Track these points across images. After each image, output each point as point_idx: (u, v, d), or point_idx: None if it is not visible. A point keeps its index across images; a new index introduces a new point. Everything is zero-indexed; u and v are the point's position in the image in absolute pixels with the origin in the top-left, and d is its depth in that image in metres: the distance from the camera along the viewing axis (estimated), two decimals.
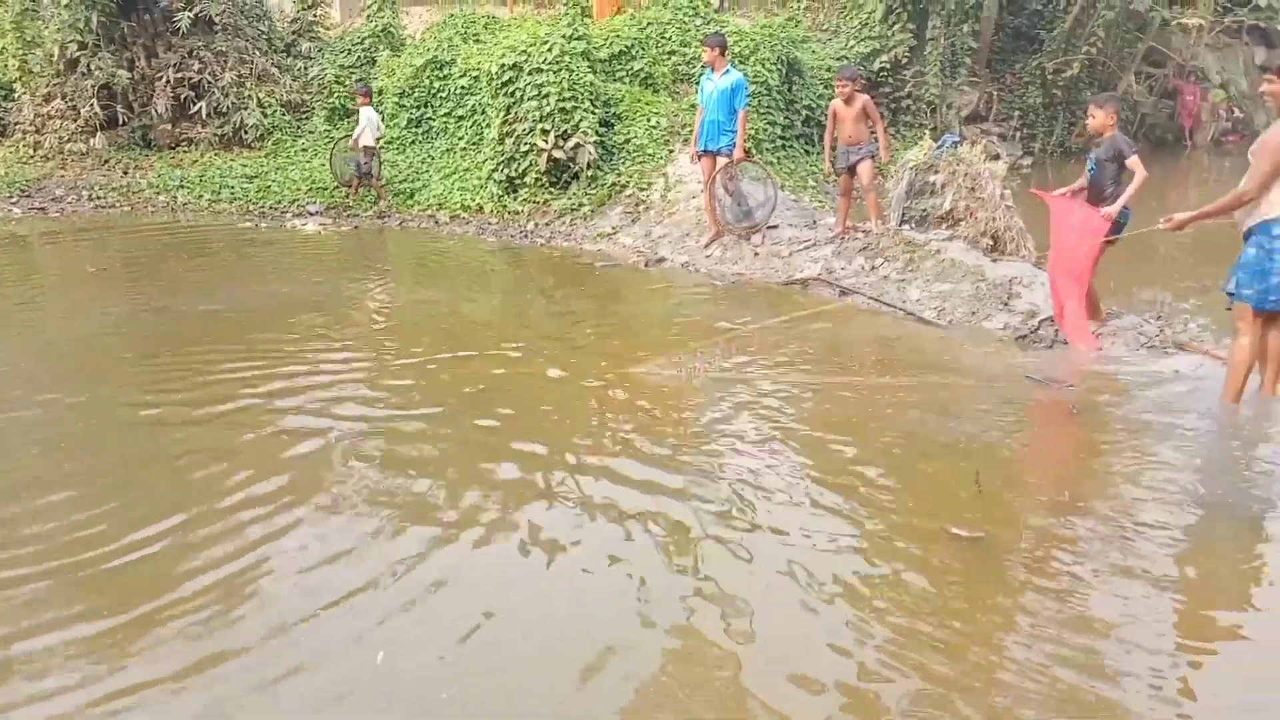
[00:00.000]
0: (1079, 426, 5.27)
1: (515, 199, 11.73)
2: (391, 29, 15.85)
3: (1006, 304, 6.96)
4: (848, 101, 8.46)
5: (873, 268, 8.09)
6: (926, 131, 13.49)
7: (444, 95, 13.75)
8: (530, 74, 11.30)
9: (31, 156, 14.31)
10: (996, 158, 9.37)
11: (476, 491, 4.27)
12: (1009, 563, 3.69)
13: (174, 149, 14.60)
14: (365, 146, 12.02)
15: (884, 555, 3.73)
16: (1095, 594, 3.44)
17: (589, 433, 4.98)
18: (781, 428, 5.04)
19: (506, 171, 11.72)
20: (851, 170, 8.59)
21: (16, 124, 14.59)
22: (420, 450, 4.76)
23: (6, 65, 14.46)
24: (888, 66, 15.36)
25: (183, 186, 13.50)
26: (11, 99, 14.74)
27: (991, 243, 7.87)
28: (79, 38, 13.68)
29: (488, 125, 12.35)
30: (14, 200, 13.05)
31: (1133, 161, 6.13)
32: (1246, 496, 4.28)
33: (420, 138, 13.79)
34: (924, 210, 8.54)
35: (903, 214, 8.64)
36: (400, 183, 12.87)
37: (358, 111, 12.23)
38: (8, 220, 12.21)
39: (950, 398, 5.56)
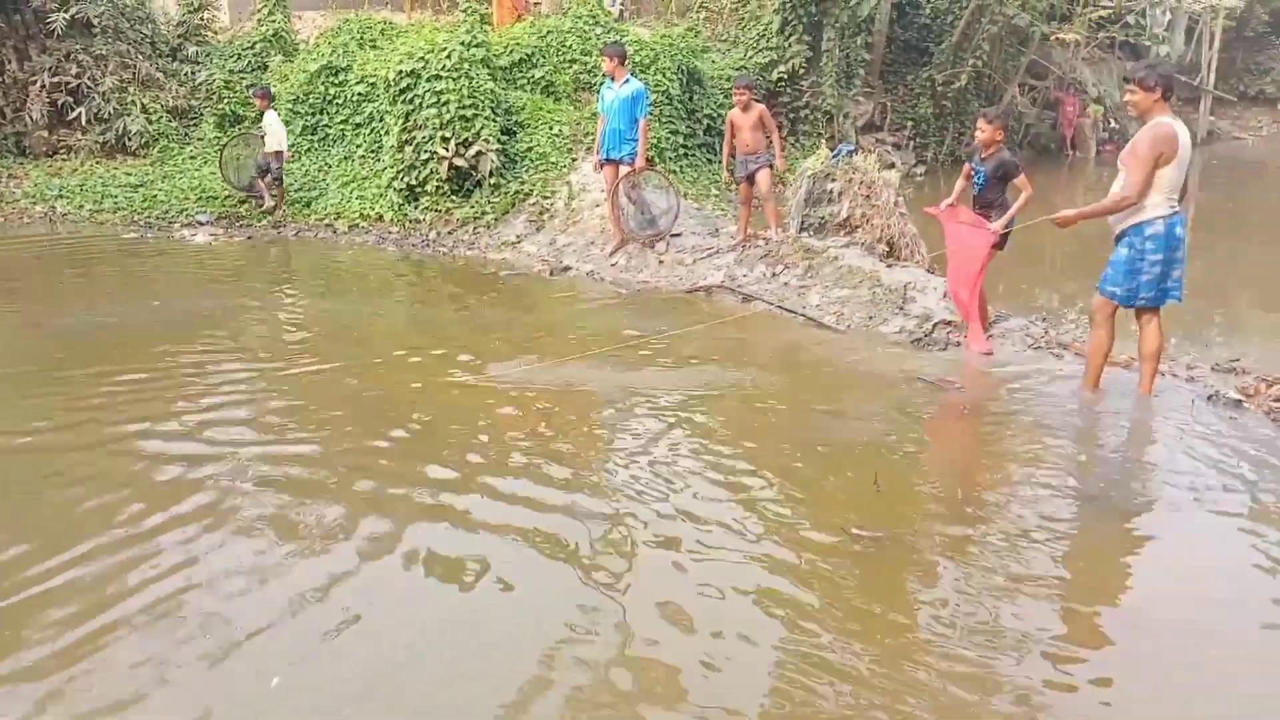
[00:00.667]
0: (970, 426, 5.47)
1: (416, 207, 11.55)
2: (283, 33, 15.43)
3: (902, 308, 7.18)
4: (745, 110, 8.61)
5: (774, 274, 8.24)
6: (823, 140, 13.85)
7: (340, 102, 13.45)
8: (429, 81, 11.15)
9: None
10: (891, 166, 9.70)
11: (374, 515, 4.17)
12: (909, 560, 3.80)
13: (51, 157, 13.88)
14: (276, 151, 11.67)
15: (785, 555, 3.79)
16: (988, 589, 3.57)
17: (486, 446, 4.93)
18: (680, 433, 5.09)
19: (407, 179, 11.52)
20: (751, 179, 8.74)
21: None
22: (316, 472, 4.63)
23: None
24: (785, 77, 15.67)
25: (62, 196, 12.83)
26: None
27: (887, 249, 8.11)
28: None
29: (386, 132, 12.14)
30: None
31: (1020, 180, 6.42)
32: (1116, 487, 4.52)
33: (316, 145, 13.44)
34: (822, 218, 8.74)
35: (802, 221, 8.82)
36: (296, 191, 12.51)
37: (257, 116, 11.90)
38: None
39: (849, 400, 5.70)
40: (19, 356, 6.58)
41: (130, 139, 13.85)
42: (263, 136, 11.85)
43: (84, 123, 13.82)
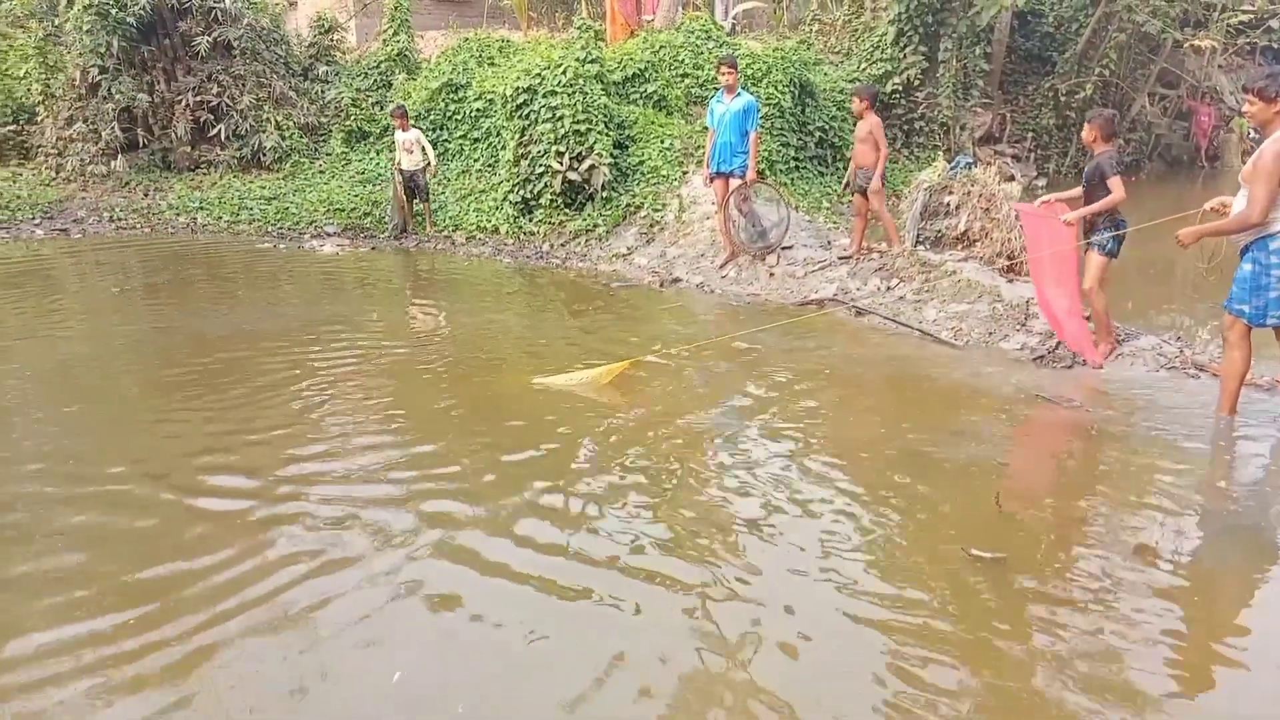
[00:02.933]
0: (1096, 448, 5.24)
1: (531, 220, 11.82)
2: (407, 53, 16.03)
3: (1024, 324, 6.95)
4: (859, 119, 8.51)
5: (888, 288, 8.10)
6: (940, 153, 13.55)
7: (459, 118, 13.90)
8: (544, 96, 11.41)
9: (53, 179, 14.49)
10: (1011, 179, 9.43)
11: (479, 515, 4.28)
12: (1030, 584, 3.67)
13: (193, 171, 14.77)
14: (419, 170, 12.09)
15: (902, 577, 3.71)
16: (1115, 615, 3.42)
17: (598, 451, 4.98)
18: (795, 449, 5.04)
19: (522, 193, 11.81)
20: (864, 192, 8.63)
21: (39, 147, 14.79)
22: (435, 468, 4.77)
23: (30, 89, 14.67)
24: (900, 89, 15.43)
25: (202, 208, 13.64)
26: (34, 122, 14.93)
27: (1007, 263, 7.87)
28: (100, 62, 13.87)
29: (503, 147, 12.47)
30: (37, 222, 13.20)
31: (1113, 181, 6.17)
32: (1254, 518, 4.26)
33: (438, 159, 13.89)
34: (939, 231, 8.57)
35: (918, 235, 8.66)
36: (418, 204, 12.96)
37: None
38: (30, 241, 12.35)
39: (968, 417, 5.55)
40: (168, 358, 7.00)
41: (264, 154, 14.61)
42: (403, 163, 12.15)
43: (223, 139, 14.65)
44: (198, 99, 14.60)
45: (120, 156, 14.40)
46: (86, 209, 13.77)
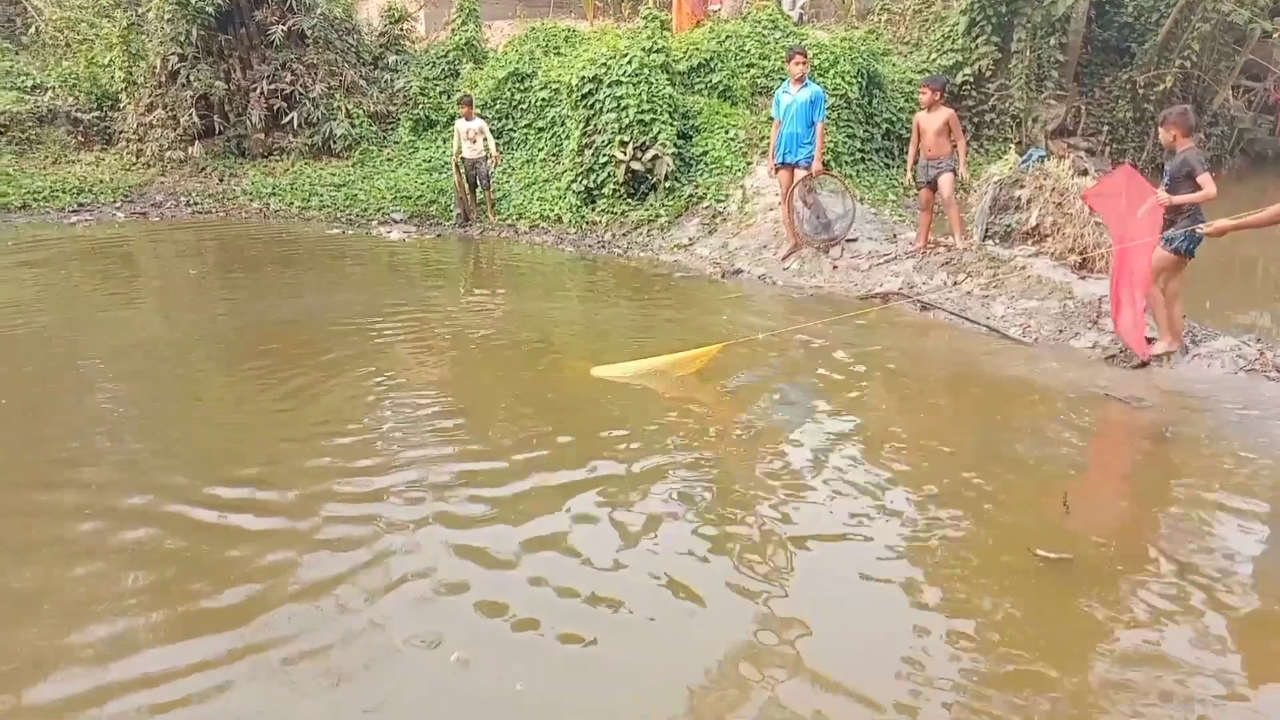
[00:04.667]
0: (1169, 449, 5.10)
1: (593, 209, 11.86)
2: (474, 42, 16.16)
3: (1096, 322, 6.78)
4: (930, 110, 8.35)
5: (955, 283, 7.96)
6: (1011, 146, 13.23)
7: (524, 107, 13.99)
8: (610, 86, 11.43)
9: (134, 163, 14.96)
10: (1085, 173, 9.16)
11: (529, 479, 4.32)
12: (1098, 586, 3.59)
13: (266, 158, 15.12)
14: (487, 156, 12.18)
15: (966, 577, 3.66)
16: (1183, 622, 3.33)
17: (657, 441, 4.99)
18: (858, 445, 5.00)
19: (585, 182, 11.86)
20: (933, 184, 8.47)
21: (121, 132, 15.27)
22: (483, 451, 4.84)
23: (114, 76, 15.15)
24: (971, 80, 15.09)
25: (274, 194, 13.97)
26: (117, 109, 15.42)
27: (1080, 260, 7.68)
28: (180, 50, 14.26)
29: (567, 137, 12.52)
30: (118, 205, 13.66)
31: (1203, 178, 5.95)
32: None
33: (502, 149, 14.02)
34: (1008, 225, 8.39)
35: (986, 229, 8.49)
36: (481, 192, 13.10)
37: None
38: (112, 224, 12.78)
39: (1035, 415, 5.44)
40: (240, 339, 7.20)
41: (335, 142, 14.89)
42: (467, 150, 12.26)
43: (295, 126, 14.95)
44: (271, 87, 14.91)
45: (197, 142, 14.81)
46: (165, 193, 14.20)
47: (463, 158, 12.23)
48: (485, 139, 12.12)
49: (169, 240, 11.81)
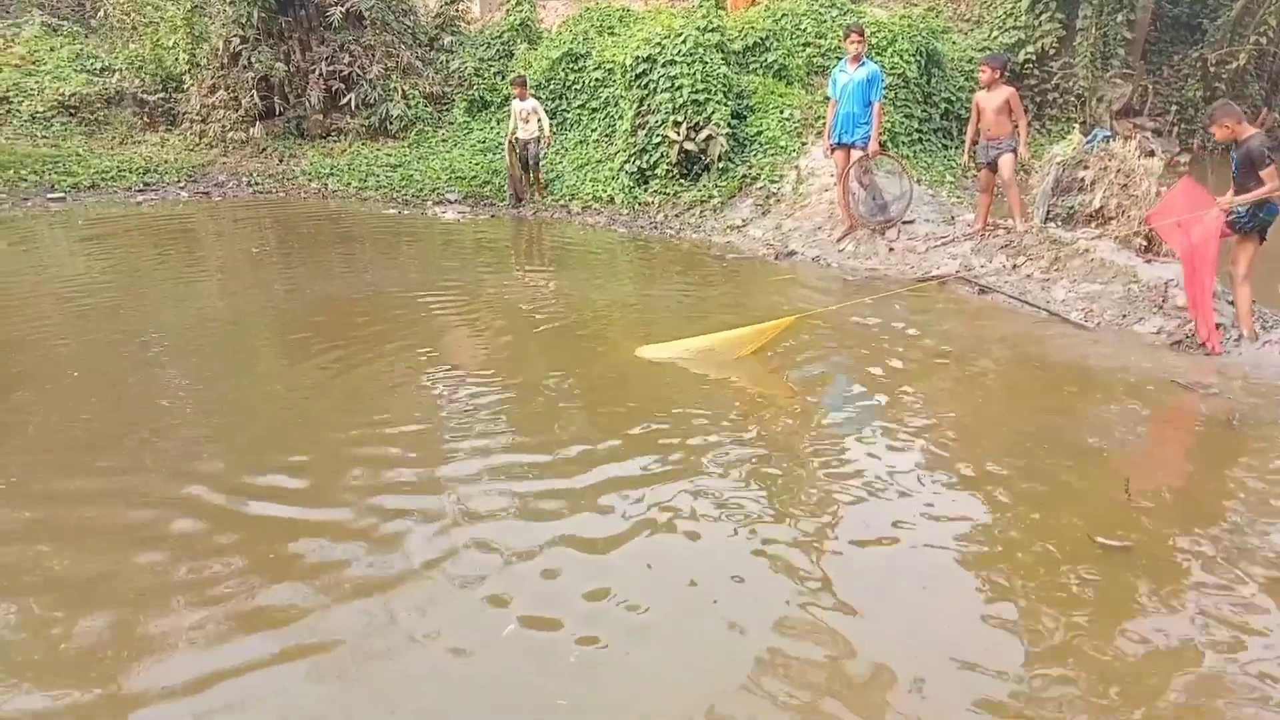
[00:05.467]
0: (1235, 437, 4.96)
1: (646, 190, 11.83)
2: (529, 23, 16.19)
3: (1161, 307, 6.61)
4: (990, 90, 8.16)
5: (1014, 266, 7.81)
6: (1075, 126, 12.89)
7: (578, 88, 13.99)
8: (664, 66, 11.37)
9: (197, 144, 15.28)
10: (1151, 154, 8.87)
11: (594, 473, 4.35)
12: (1159, 574, 3.52)
13: (325, 138, 15.33)
14: (539, 137, 12.21)
15: (1026, 564, 3.61)
16: (1247, 615, 3.25)
17: (706, 425, 4.99)
18: (916, 429, 4.94)
19: (638, 163, 11.83)
20: (992, 165, 8.29)
21: (185, 114, 15.60)
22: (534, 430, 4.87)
23: (178, 59, 15.46)
24: (1033, 58, 14.75)
25: (332, 174, 14.17)
26: (181, 91, 15.75)
27: (1145, 243, 7.47)
28: (241, 32, 14.51)
29: (620, 117, 12.50)
30: (181, 185, 13.97)
31: (1267, 172, 5.77)
32: None
33: (555, 129, 14.04)
34: (1071, 208, 8.19)
35: (1048, 211, 8.30)
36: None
37: (503, 101, 12.39)
38: (176, 203, 13.08)
39: (1097, 401, 5.32)
40: (298, 319, 7.34)
41: (391, 123, 15.04)
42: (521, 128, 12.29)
43: (353, 107, 15.14)
44: (330, 68, 15.10)
45: (258, 123, 15.08)
46: (227, 173, 14.50)
47: (516, 138, 12.28)
48: (540, 119, 12.13)
49: (230, 219, 12.06)
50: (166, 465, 4.42)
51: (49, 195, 12.98)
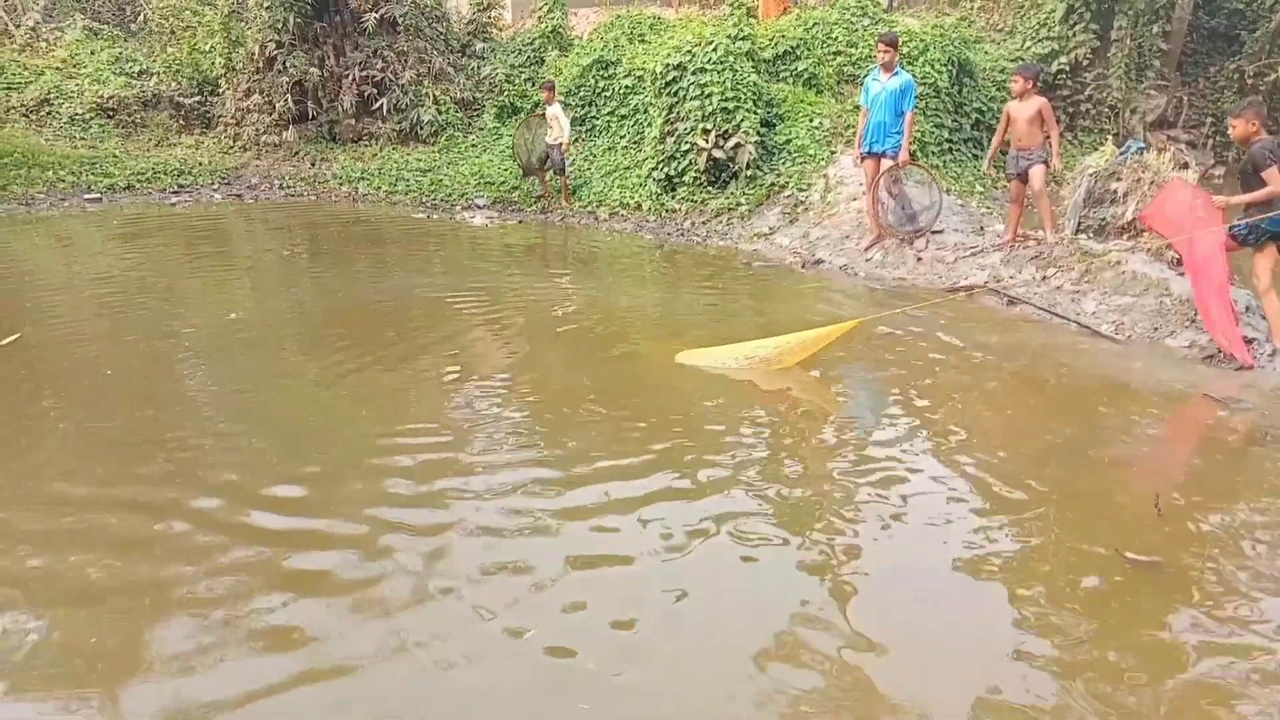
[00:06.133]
0: (1270, 453, 4.87)
1: (673, 197, 11.84)
2: (560, 30, 16.28)
3: (1193, 320, 6.51)
4: (1022, 100, 8.09)
5: (1044, 278, 7.73)
6: (1109, 137, 12.76)
7: (608, 94, 14.04)
8: (694, 74, 11.38)
9: (231, 147, 15.51)
10: (1185, 166, 8.77)
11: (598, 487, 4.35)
12: (1189, 591, 3.46)
13: (356, 143, 15.50)
14: (558, 143, 12.33)
15: (1053, 579, 3.56)
16: (1276, 635, 3.19)
17: (733, 435, 4.97)
18: (940, 440, 4.90)
19: (666, 170, 11.85)
20: (1023, 176, 8.22)
21: (219, 117, 15.84)
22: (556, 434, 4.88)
23: (214, 63, 15.69)
24: (1067, 69, 14.61)
25: (363, 178, 14.32)
26: (216, 94, 15.98)
27: (1178, 256, 7.36)
28: (277, 37, 14.71)
29: (649, 124, 12.52)
30: (215, 187, 14.18)
31: (1268, 173, 5.74)
32: None
33: (584, 136, 14.10)
34: (1103, 219, 8.10)
35: (1079, 223, 8.22)
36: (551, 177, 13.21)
37: (533, 107, 12.61)
38: (209, 205, 13.27)
39: (1127, 414, 5.25)
40: (325, 323, 7.42)
41: (422, 128, 15.18)
42: (545, 126, 12.51)
43: (385, 113, 15.29)
44: (363, 74, 15.27)
45: (291, 127, 15.27)
46: (260, 176, 14.69)
47: (543, 141, 12.45)
48: (560, 123, 12.19)
49: (262, 221, 12.21)
50: (191, 473, 4.44)
51: (86, 196, 13.21)
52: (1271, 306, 6.07)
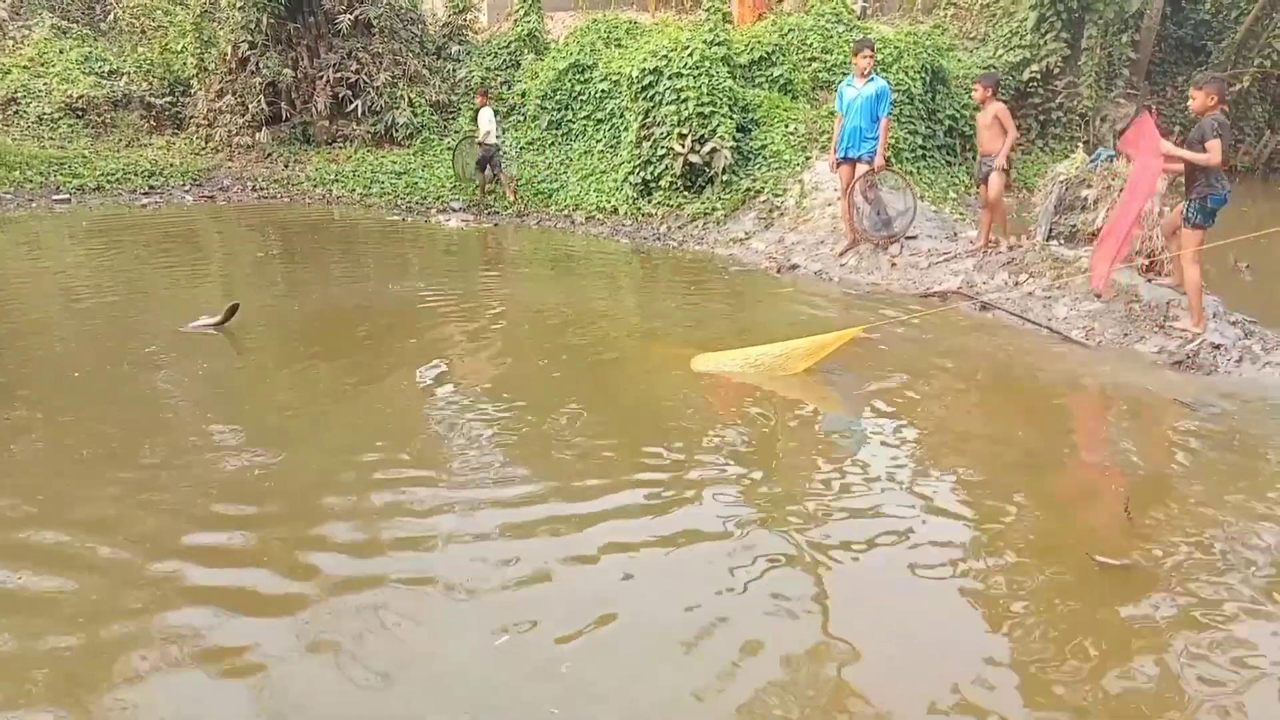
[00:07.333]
0: (1238, 456, 4.94)
1: (649, 201, 11.86)
2: (536, 33, 16.26)
3: (1162, 327, 6.60)
4: (983, 106, 8.20)
5: (1016, 283, 7.81)
6: (1080, 145, 12.92)
7: (584, 98, 14.03)
8: (670, 78, 11.40)
9: (203, 148, 15.36)
10: None
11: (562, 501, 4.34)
12: (1159, 594, 3.50)
13: (330, 145, 15.40)
14: (484, 143, 12.60)
15: (1023, 584, 3.59)
16: (1243, 636, 3.23)
17: (703, 438, 4.98)
18: (912, 446, 4.93)
19: (642, 174, 11.86)
20: (986, 180, 8.30)
21: (191, 117, 15.69)
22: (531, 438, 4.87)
23: (186, 63, 15.54)
24: (1038, 76, 14.79)
25: (337, 180, 14.23)
26: (189, 95, 15.81)
27: (1147, 263, 7.46)
28: (250, 38, 14.59)
29: (625, 129, 12.54)
30: (187, 188, 14.03)
31: (1212, 144, 6.01)
32: None
33: (560, 139, 14.09)
34: (1073, 226, 8.19)
35: (1050, 229, 8.30)
36: (539, 183, 13.19)
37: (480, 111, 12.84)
38: (181, 206, 13.12)
39: (1096, 420, 5.32)
40: (301, 330, 7.35)
41: (397, 130, 15.11)
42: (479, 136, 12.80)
43: (359, 115, 15.20)
44: (337, 75, 15.18)
45: (264, 129, 15.14)
46: (232, 177, 14.56)
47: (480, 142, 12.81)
48: (483, 124, 12.56)
49: (234, 223, 12.09)
50: (157, 488, 4.38)
51: (54, 197, 13.03)
52: (1193, 280, 6.29)
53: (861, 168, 8.91)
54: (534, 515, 4.03)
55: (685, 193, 11.65)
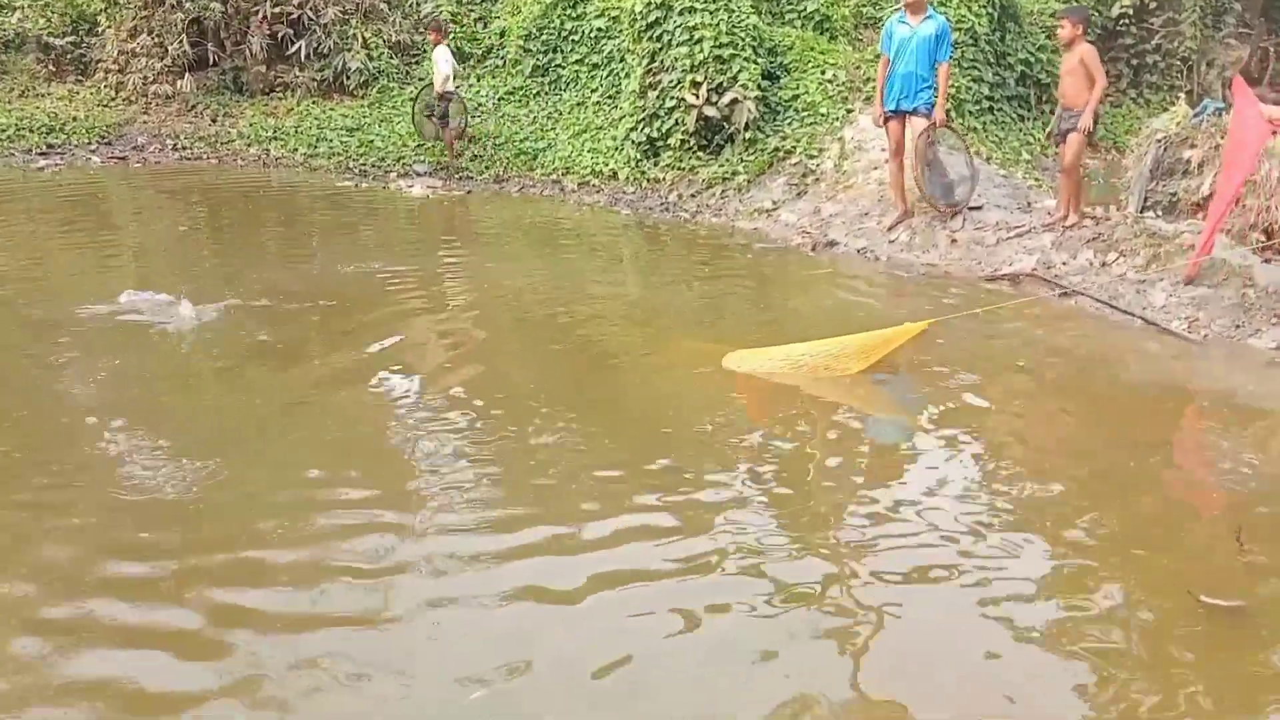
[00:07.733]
0: None
1: (656, 165, 11.89)
2: None
3: None
4: (1069, 48, 8.21)
5: (1104, 264, 7.84)
6: (1181, 96, 12.91)
7: (576, 38, 14.04)
8: (681, 14, 11.42)
9: (113, 99, 15.36)
10: (1275, 133, 8.90)
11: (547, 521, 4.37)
12: (1277, 640, 3.51)
13: (268, 94, 15.42)
14: (442, 93, 12.65)
15: (1118, 625, 3.60)
16: None
17: (718, 449, 5.01)
18: (981, 460, 4.95)
19: (647, 131, 11.88)
20: (1065, 138, 8.32)
21: (98, 62, 15.68)
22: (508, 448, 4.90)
23: None
24: (1130, 13, 14.77)
25: (276, 138, 14.26)
26: (95, 34, 15.83)
27: (1264, 238, 7.47)
28: None
29: (627, 75, 12.57)
30: (93, 148, 14.06)
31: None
32: None
33: (546, 88, 14.12)
34: (1173, 194, 8.23)
35: (1145, 199, 8.34)
36: (521, 141, 13.21)
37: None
38: (87, 169, 13.16)
39: (1203, 431, 5.33)
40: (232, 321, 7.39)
41: (349, 77, 15.11)
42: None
43: (302, 58, 15.20)
44: (275, 10, 15.15)
45: (187, 75, 15.14)
46: (148, 135, 14.59)
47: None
48: (438, 66, 12.65)
49: (152, 190, 12.14)
50: (64, 511, 4.35)
51: None
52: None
53: (919, 122, 8.90)
54: (514, 543, 4.05)
55: (699, 154, 11.67)
